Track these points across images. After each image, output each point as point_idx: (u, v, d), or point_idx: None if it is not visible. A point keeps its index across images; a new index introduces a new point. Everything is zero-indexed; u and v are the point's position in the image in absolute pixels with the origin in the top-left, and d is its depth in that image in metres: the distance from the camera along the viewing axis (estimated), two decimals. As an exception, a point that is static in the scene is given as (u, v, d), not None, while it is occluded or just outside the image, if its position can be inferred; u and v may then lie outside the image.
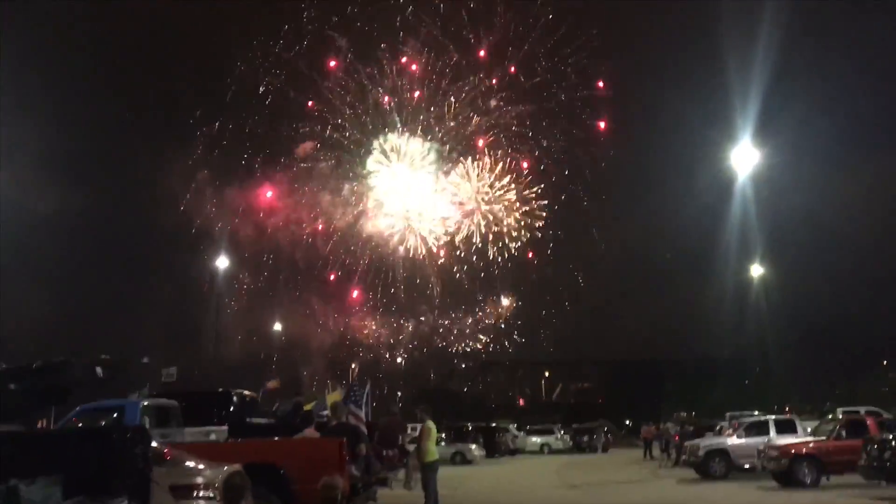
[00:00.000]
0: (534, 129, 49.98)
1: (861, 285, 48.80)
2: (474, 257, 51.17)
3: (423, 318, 54.18)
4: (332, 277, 50.98)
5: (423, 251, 49.79)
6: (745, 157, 29.98)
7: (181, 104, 48.17)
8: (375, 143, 48.46)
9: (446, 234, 49.70)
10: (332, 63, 47.71)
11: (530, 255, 51.87)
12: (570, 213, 51.32)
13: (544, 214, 49.22)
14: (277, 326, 50.61)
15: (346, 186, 48.74)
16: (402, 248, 49.47)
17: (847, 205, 46.57)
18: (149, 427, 14.87)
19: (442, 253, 50.81)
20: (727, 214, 41.21)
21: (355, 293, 52.18)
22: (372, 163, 48.51)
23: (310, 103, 48.56)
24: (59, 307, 40.94)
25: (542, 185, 50.00)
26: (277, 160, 48.67)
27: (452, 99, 49.46)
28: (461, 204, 49.30)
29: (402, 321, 53.74)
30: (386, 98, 49.07)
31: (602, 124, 50.58)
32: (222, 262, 42.08)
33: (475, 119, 50.01)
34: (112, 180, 46.03)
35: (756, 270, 38.69)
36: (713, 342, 56.05)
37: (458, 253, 50.81)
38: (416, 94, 49.39)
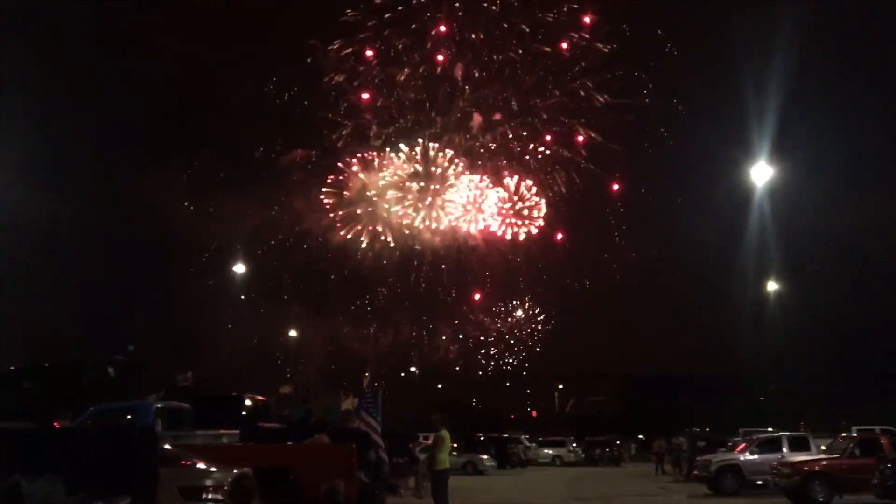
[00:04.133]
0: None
1: (882, 302, 48.33)
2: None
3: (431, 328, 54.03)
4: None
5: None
6: (761, 174, 29.83)
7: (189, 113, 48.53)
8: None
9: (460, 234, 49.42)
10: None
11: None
12: (586, 225, 50.90)
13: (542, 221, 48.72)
14: (293, 332, 50.88)
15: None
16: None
17: (865, 221, 46.20)
18: (161, 429, 15.06)
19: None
20: (745, 231, 40.89)
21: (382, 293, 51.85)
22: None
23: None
24: (73, 310, 41.48)
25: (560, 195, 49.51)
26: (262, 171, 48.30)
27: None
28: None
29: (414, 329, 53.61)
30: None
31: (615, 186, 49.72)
32: (239, 268, 42.37)
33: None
34: (121, 186, 46.38)
35: (773, 286, 38.45)
36: (730, 358, 55.75)
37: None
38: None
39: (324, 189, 47.36)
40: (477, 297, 52.36)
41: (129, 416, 16.23)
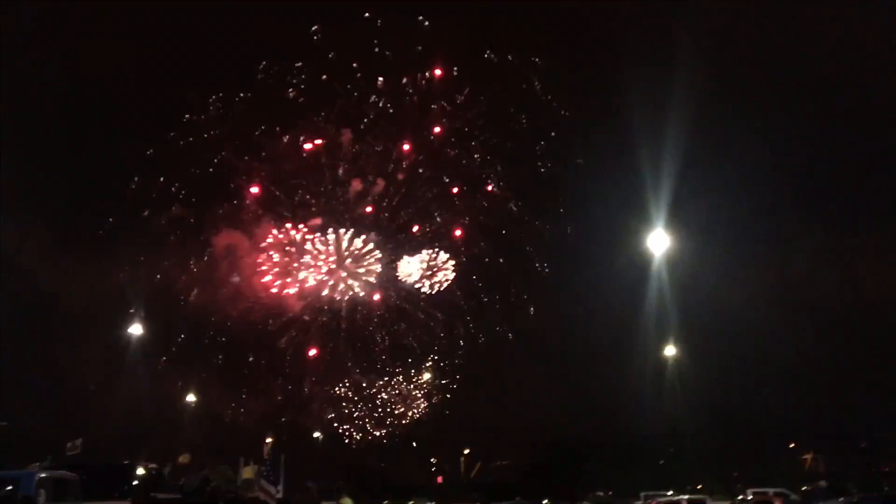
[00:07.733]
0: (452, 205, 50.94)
1: (770, 369, 50.47)
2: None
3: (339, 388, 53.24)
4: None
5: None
6: (658, 243, 31.19)
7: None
8: None
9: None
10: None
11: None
12: (487, 289, 52.04)
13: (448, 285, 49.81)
14: (191, 398, 49.08)
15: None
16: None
17: (756, 290, 48.61)
18: (45, 500, 14.22)
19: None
20: (644, 298, 42.35)
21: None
22: None
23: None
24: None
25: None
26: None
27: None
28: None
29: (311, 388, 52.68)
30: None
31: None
32: (136, 330, 40.88)
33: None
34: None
35: (669, 352, 39.77)
36: (631, 422, 56.82)
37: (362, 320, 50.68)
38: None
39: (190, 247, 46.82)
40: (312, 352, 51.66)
41: (9, 487, 15.28)
